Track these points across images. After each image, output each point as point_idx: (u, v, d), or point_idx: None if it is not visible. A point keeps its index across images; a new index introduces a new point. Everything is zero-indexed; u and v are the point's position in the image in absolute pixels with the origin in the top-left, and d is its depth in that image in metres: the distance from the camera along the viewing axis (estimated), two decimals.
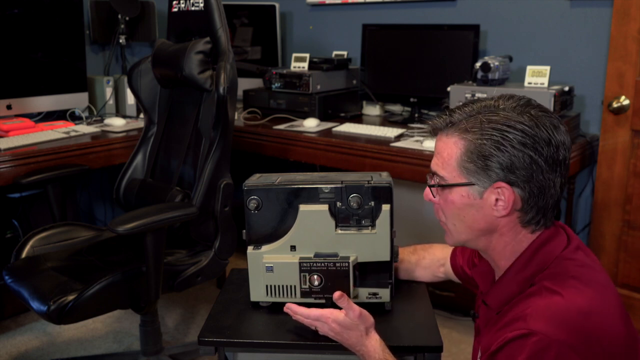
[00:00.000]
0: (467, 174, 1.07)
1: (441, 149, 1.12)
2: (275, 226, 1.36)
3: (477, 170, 1.06)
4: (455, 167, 1.09)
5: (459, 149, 1.08)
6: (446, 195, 1.12)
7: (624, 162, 2.29)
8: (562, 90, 2.31)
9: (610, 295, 1.06)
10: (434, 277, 1.52)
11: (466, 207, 1.10)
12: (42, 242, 2.14)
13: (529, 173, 1.04)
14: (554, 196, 1.08)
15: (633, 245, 2.31)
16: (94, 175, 3.37)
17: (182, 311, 2.82)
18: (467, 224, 1.12)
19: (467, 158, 1.07)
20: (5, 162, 2.27)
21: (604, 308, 1.01)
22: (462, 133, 1.08)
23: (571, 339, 0.94)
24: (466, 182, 1.08)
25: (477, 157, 1.06)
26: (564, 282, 1.03)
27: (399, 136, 2.53)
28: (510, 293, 1.10)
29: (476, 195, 1.08)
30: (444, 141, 1.11)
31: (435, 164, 1.13)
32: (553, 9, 2.58)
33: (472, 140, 1.06)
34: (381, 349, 1.21)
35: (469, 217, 1.11)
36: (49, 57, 2.85)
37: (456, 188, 1.10)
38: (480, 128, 1.05)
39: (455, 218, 1.13)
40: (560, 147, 1.06)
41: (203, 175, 2.02)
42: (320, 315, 1.25)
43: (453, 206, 1.11)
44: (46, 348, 2.52)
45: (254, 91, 3.05)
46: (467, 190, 1.09)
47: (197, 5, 2.13)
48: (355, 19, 3.13)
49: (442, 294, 2.64)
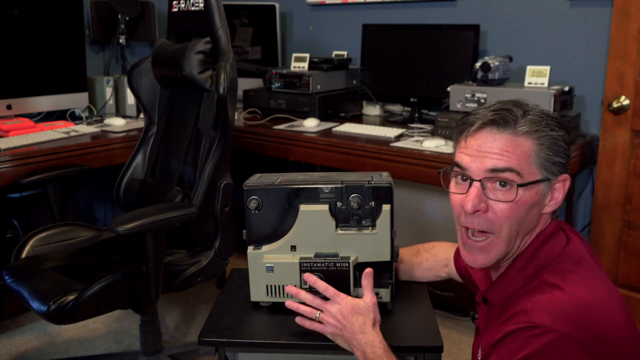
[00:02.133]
0: (543, 169, 1.07)
1: (509, 148, 1.05)
2: (275, 226, 1.36)
3: (550, 165, 1.07)
4: (531, 163, 1.06)
5: (530, 146, 1.06)
6: (519, 197, 1.06)
7: (624, 162, 2.29)
8: (562, 90, 2.31)
9: (610, 287, 1.07)
10: (436, 278, 1.52)
11: (533, 207, 1.08)
12: (42, 242, 2.14)
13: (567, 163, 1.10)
14: None
15: (633, 245, 2.31)
16: (94, 175, 3.37)
17: (182, 311, 2.82)
18: (525, 225, 1.09)
19: (544, 154, 1.06)
20: (5, 162, 2.27)
21: (605, 300, 1.01)
22: (531, 130, 1.06)
23: (572, 331, 0.94)
24: (541, 178, 1.07)
25: (553, 153, 1.06)
26: (565, 276, 1.03)
27: (399, 136, 2.53)
28: (513, 289, 1.10)
29: (546, 192, 1.08)
30: (510, 140, 1.05)
31: (510, 161, 1.05)
32: (553, 9, 2.58)
33: (544, 135, 1.06)
34: (386, 345, 1.20)
35: (529, 217, 1.09)
36: (49, 57, 2.85)
37: (532, 186, 1.06)
38: (544, 123, 1.07)
39: (518, 221, 1.08)
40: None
41: (203, 175, 2.02)
42: (336, 294, 1.24)
43: (525, 207, 1.07)
44: (46, 348, 2.52)
45: (254, 91, 3.05)
46: (540, 188, 1.07)
47: (197, 5, 2.13)
48: (355, 19, 3.13)
49: (442, 294, 2.64)
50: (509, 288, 1.10)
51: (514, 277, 1.11)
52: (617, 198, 2.32)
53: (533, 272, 1.08)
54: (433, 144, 2.30)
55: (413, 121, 2.80)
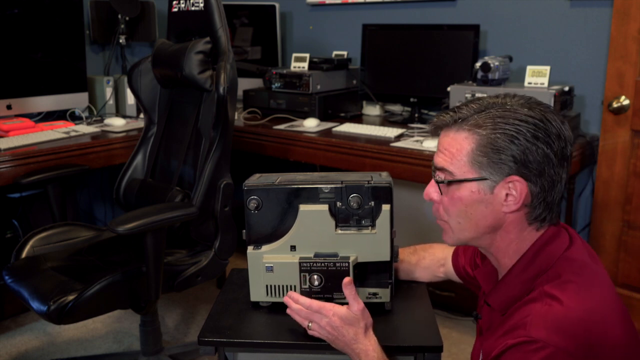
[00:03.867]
0: (479, 168, 1.06)
1: (448, 145, 1.10)
2: (275, 226, 1.36)
3: (490, 164, 1.05)
4: (466, 162, 1.07)
5: (470, 143, 1.06)
6: (453, 192, 1.10)
7: (624, 162, 2.29)
8: (562, 90, 2.31)
9: (611, 296, 1.06)
10: (433, 277, 1.52)
11: (475, 203, 1.08)
12: (42, 242, 2.14)
13: (542, 167, 1.04)
14: (560, 192, 1.08)
15: (633, 245, 2.31)
16: (94, 175, 3.37)
17: (182, 311, 2.82)
18: (474, 220, 1.10)
19: (479, 152, 1.05)
20: (5, 162, 2.27)
21: (603, 312, 1.01)
22: (473, 127, 1.06)
23: (568, 345, 0.95)
24: (478, 177, 1.07)
25: (490, 150, 1.05)
26: (564, 286, 1.02)
27: (399, 136, 2.54)
28: (512, 294, 1.09)
29: (487, 190, 1.07)
30: (452, 137, 1.09)
31: (443, 160, 1.11)
32: (553, 9, 2.58)
33: (485, 134, 1.05)
34: (380, 350, 1.20)
35: (477, 213, 1.09)
36: (49, 57, 2.85)
37: (466, 184, 1.08)
38: (493, 122, 1.05)
39: (461, 215, 1.11)
40: (568, 142, 1.07)
41: (203, 175, 2.02)
42: (321, 307, 1.23)
43: (460, 203, 1.10)
44: (46, 348, 2.52)
45: (254, 91, 3.05)
46: (478, 186, 1.07)
47: (197, 5, 2.13)
48: (355, 19, 3.13)
49: (442, 294, 2.64)
50: (509, 293, 1.10)
51: (513, 281, 1.10)
52: (617, 198, 2.32)
53: (532, 277, 1.08)
54: (433, 144, 2.30)
55: (413, 121, 2.80)
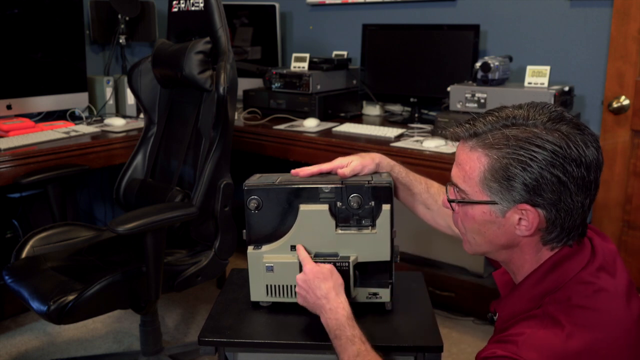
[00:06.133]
0: (490, 192, 1.02)
1: (463, 161, 1.06)
2: (275, 226, 1.36)
3: (500, 189, 1.00)
4: (477, 183, 1.03)
5: (482, 165, 1.02)
6: (466, 210, 1.07)
7: (624, 162, 2.29)
8: (562, 90, 2.31)
9: (624, 332, 0.99)
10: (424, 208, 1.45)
11: (487, 224, 1.05)
12: (42, 242, 2.14)
13: (557, 196, 0.98)
14: (580, 216, 1.02)
15: (633, 245, 2.31)
16: (94, 175, 3.37)
17: (182, 311, 2.82)
18: (487, 238, 1.07)
19: (490, 176, 1.01)
20: (5, 162, 2.27)
21: (608, 351, 0.96)
22: (486, 149, 1.01)
23: None
24: (488, 200, 1.03)
25: (501, 176, 1.00)
26: (571, 311, 0.98)
27: (399, 136, 2.54)
28: (519, 308, 1.06)
29: (498, 214, 1.03)
30: (467, 154, 1.05)
31: (457, 176, 1.07)
32: (553, 9, 2.58)
33: (497, 158, 1.00)
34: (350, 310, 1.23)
35: (490, 232, 1.06)
36: (49, 57, 2.85)
37: (478, 205, 1.05)
38: (507, 145, 0.99)
39: (475, 232, 1.08)
40: (592, 167, 0.99)
41: (203, 175, 2.02)
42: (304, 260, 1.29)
43: (473, 221, 1.07)
44: (46, 348, 2.52)
45: (254, 91, 3.05)
46: (489, 208, 1.03)
47: (197, 5, 2.13)
48: (355, 19, 3.13)
49: (442, 294, 2.64)
50: (516, 307, 1.07)
51: (522, 295, 1.07)
52: (617, 198, 2.32)
53: (540, 294, 1.04)
54: (433, 144, 2.31)
55: (413, 121, 2.80)
